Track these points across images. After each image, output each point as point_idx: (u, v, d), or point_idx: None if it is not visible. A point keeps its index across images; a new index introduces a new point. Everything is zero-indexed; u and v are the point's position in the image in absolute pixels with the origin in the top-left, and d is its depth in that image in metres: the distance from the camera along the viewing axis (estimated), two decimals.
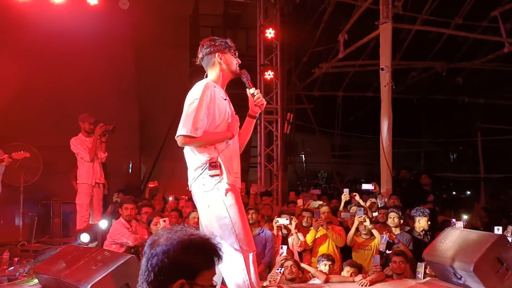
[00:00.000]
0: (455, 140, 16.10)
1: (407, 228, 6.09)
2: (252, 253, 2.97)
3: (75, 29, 8.37)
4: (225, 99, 3.10)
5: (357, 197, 6.74)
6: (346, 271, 4.89)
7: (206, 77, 3.08)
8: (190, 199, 7.19)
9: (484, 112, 14.10)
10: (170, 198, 7.18)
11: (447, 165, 20.10)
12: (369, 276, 4.78)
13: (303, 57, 11.69)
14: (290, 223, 5.47)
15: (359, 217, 5.43)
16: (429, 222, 5.81)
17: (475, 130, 14.56)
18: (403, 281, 4.86)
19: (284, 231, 5.78)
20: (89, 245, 5.20)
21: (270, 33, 9.13)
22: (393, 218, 5.75)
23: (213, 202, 2.88)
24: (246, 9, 10.50)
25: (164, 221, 4.84)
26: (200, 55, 3.05)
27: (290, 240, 5.57)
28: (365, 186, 7.23)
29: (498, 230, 6.44)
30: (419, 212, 5.84)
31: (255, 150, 9.79)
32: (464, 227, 6.10)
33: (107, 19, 8.42)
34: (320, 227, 5.51)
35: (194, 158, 2.93)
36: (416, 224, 5.86)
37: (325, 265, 4.84)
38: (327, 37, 10.69)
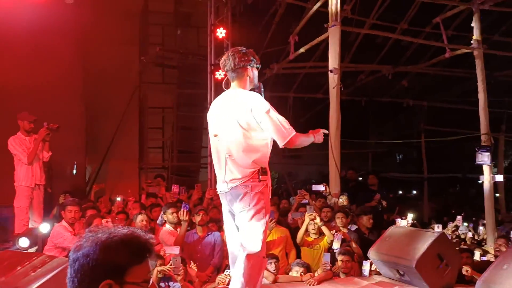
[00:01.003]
0: (400, 141, 16.71)
1: (354, 227, 6.23)
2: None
3: (15, 23, 7.95)
4: None
5: (307, 197, 6.82)
6: (295, 271, 4.92)
7: (228, 84, 3.39)
8: (138, 200, 7.06)
9: (427, 115, 14.73)
10: (118, 199, 6.94)
11: (394, 165, 20.83)
12: (317, 274, 4.84)
13: None
14: None
15: (310, 214, 5.49)
16: (371, 221, 5.97)
17: (419, 132, 15.18)
18: (349, 279, 4.95)
19: None
20: (29, 250, 4.94)
21: (221, 32, 9.07)
22: (341, 218, 5.87)
23: (258, 205, 3.10)
24: (197, 8, 10.40)
25: (107, 221, 4.67)
26: (231, 65, 3.26)
27: None
28: (315, 188, 7.34)
29: (438, 227, 6.74)
30: (364, 211, 5.99)
31: (205, 150, 9.70)
32: (411, 225, 6.34)
33: (51, 14, 8.05)
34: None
35: (248, 161, 3.14)
36: (362, 223, 6.01)
37: (271, 264, 4.81)
38: (279, 38, 10.77)
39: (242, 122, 3.13)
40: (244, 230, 3.15)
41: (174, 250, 4.48)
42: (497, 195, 14.19)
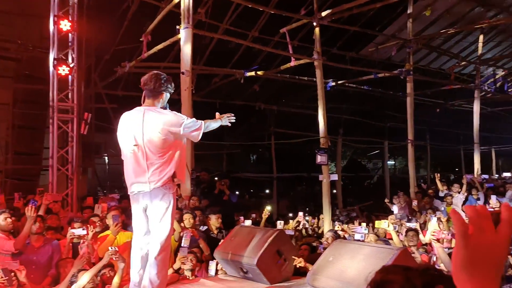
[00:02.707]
0: (253, 143, 17.53)
1: (204, 227, 6.32)
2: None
3: None
4: None
5: None
6: None
7: (144, 100, 3.94)
8: None
9: (277, 118, 15.72)
10: None
11: (248, 166, 21.76)
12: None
13: (105, 55, 11.14)
14: (87, 233, 5.10)
15: None
16: (220, 220, 6.12)
17: (270, 134, 16.11)
18: (195, 280, 4.99)
19: (76, 240, 5.36)
20: None
21: (65, 25, 8.38)
22: (188, 219, 5.90)
23: (170, 204, 3.78)
24: None
25: None
26: (151, 86, 3.85)
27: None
28: None
29: (280, 224, 7.21)
30: (212, 211, 6.12)
31: (47, 152, 8.88)
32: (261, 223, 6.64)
33: None
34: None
35: (166, 166, 3.76)
36: (210, 223, 6.12)
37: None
38: (132, 36, 10.41)
39: (161, 133, 3.73)
40: (158, 225, 3.77)
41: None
42: (335, 191, 15.80)
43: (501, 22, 13.03)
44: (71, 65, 8.51)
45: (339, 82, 13.10)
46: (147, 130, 3.76)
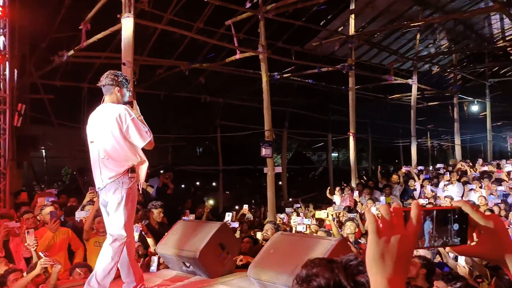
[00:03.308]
0: (199, 135, 17.38)
1: (146, 221, 6.20)
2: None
3: None
4: None
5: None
6: (77, 273, 4.64)
7: (104, 100, 3.99)
8: None
9: (222, 111, 15.67)
10: None
11: (194, 158, 21.57)
12: None
13: (41, 43, 10.59)
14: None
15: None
16: (161, 214, 6.05)
17: (215, 127, 16.03)
18: None
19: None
20: None
21: None
22: None
23: (123, 198, 3.80)
24: None
25: None
26: (104, 82, 3.94)
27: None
28: None
29: (228, 216, 7.22)
30: (154, 205, 6.03)
31: None
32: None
33: None
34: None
35: (119, 162, 3.84)
36: (152, 217, 6.03)
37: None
38: (70, 23, 9.95)
39: (113, 129, 3.78)
40: (112, 218, 3.85)
41: None
42: (280, 183, 16.04)
43: (436, 21, 13.68)
44: (2, 53, 8.03)
45: (284, 75, 13.26)
46: (99, 127, 3.87)
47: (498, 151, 24.49)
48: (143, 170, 4.04)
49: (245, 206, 8.59)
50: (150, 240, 5.59)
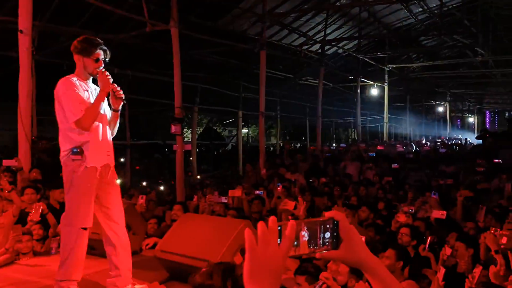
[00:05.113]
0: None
1: (46, 201, 5.90)
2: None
3: None
4: (86, 90, 3.66)
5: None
6: None
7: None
8: None
9: (131, 83, 15.05)
10: None
11: None
12: None
13: None
14: None
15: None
16: (63, 194, 5.80)
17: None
18: (33, 258, 4.70)
19: None
20: None
21: None
22: (30, 195, 5.49)
23: (69, 181, 3.52)
24: None
25: None
26: (72, 48, 3.65)
27: None
28: (7, 163, 6.56)
29: (142, 198, 7.07)
30: (55, 184, 5.79)
31: None
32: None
33: None
34: None
35: (65, 140, 3.54)
36: (53, 197, 5.77)
37: None
38: None
39: (57, 105, 3.51)
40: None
41: None
42: (191, 158, 16.01)
43: (342, 7, 14.30)
44: None
45: (196, 51, 13.11)
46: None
47: (393, 132, 26.65)
48: (96, 150, 3.59)
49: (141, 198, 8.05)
50: (51, 220, 5.34)
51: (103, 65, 3.74)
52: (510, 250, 3.51)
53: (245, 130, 26.20)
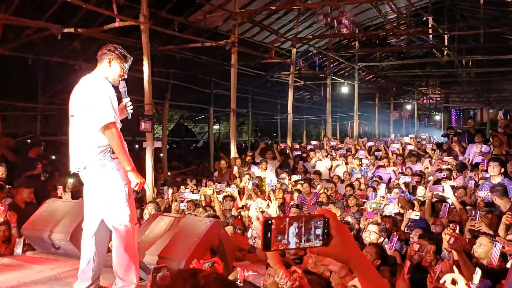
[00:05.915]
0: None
1: (10, 200, 5.76)
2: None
3: None
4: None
5: None
6: None
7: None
8: None
9: None
10: None
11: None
12: None
13: None
14: None
15: None
16: (32, 195, 5.68)
17: None
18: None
19: None
20: None
21: None
22: None
23: (112, 180, 3.46)
24: None
25: None
26: (99, 53, 3.77)
27: None
28: None
29: None
30: (27, 183, 5.66)
31: None
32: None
33: None
34: None
35: (96, 141, 3.48)
36: (18, 196, 5.62)
37: None
38: None
39: (87, 104, 3.47)
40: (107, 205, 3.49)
41: None
42: (162, 155, 15.83)
43: (313, 6, 14.39)
44: None
45: (166, 47, 12.97)
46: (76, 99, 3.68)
47: (362, 129, 27.09)
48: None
49: None
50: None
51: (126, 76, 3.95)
52: (455, 250, 3.57)
53: (216, 127, 26.10)
